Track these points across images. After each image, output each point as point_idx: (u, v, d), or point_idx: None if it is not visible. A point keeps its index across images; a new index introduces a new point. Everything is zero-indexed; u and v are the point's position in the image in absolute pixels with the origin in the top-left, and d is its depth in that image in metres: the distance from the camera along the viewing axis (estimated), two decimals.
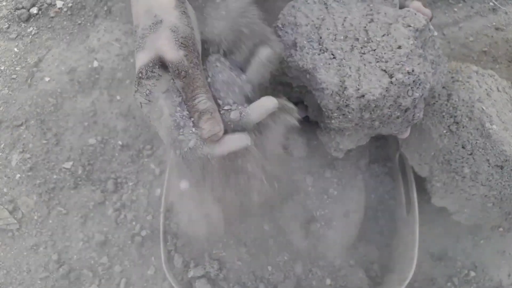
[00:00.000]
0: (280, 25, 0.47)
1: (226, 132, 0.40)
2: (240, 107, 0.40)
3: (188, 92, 0.39)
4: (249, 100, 0.42)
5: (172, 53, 0.39)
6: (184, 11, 0.41)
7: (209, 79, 0.42)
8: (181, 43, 0.39)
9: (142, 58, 0.40)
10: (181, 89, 0.39)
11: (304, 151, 0.58)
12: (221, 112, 0.40)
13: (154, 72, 0.40)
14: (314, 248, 0.54)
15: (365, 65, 0.42)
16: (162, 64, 0.40)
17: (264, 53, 0.42)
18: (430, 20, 0.45)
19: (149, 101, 0.40)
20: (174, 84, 0.40)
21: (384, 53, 0.42)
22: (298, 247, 0.54)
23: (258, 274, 0.53)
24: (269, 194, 0.46)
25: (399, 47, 0.42)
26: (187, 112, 0.40)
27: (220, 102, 0.41)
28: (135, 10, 0.43)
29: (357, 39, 0.43)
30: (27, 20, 0.77)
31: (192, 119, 0.39)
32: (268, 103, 0.40)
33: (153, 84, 0.40)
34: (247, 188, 0.44)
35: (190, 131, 0.39)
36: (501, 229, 0.62)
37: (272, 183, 0.45)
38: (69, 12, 0.77)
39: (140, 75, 0.40)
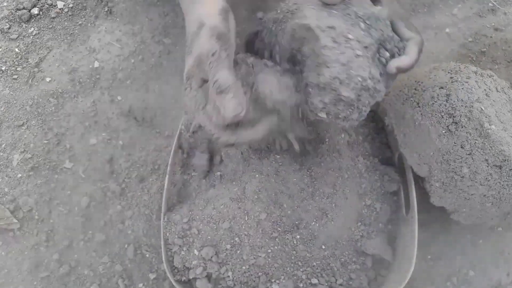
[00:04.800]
0: None
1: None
2: None
3: (213, 67, 0.40)
4: None
5: (206, 43, 0.41)
6: (225, 18, 0.44)
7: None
8: (216, 36, 0.42)
9: (188, 62, 0.43)
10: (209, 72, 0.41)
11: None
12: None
13: (199, 69, 0.42)
14: (314, 249, 0.54)
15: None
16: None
17: None
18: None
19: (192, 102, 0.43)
20: None
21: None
22: (298, 247, 0.54)
23: (259, 274, 0.53)
24: None
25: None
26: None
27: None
28: (188, 19, 0.47)
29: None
30: (28, 20, 0.77)
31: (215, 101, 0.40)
32: None
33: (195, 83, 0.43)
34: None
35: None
36: (500, 228, 0.63)
37: None
38: (70, 13, 0.77)
39: (187, 76, 0.43)
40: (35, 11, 0.77)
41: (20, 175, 0.67)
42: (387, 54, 0.43)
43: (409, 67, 0.43)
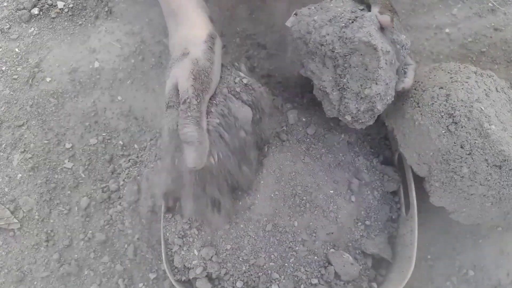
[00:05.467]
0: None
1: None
2: None
3: (182, 118, 0.43)
4: None
5: (183, 82, 0.43)
6: (211, 46, 0.45)
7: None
8: (194, 74, 0.43)
9: (167, 87, 0.45)
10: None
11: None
12: None
13: (173, 100, 0.45)
14: (314, 249, 0.54)
15: None
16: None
17: None
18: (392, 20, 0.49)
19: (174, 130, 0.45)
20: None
21: None
22: (298, 247, 0.54)
23: (259, 274, 0.53)
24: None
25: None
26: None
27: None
28: (172, 42, 0.48)
29: None
30: (28, 20, 0.77)
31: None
32: None
33: (173, 112, 0.45)
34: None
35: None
36: (499, 228, 0.63)
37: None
38: (70, 13, 0.77)
39: (166, 103, 0.45)
40: (35, 11, 0.77)
41: (20, 175, 0.67)
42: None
43: (409, 87, 0.53)
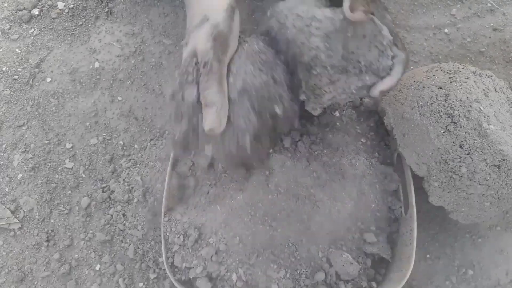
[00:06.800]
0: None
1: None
2: None
3: (203, 81, 0.41)
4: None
5: (202, 44, 0.42)
6: (230, 16, 0.44)
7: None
8: (213, 37, 0.42)
9: (184, 54, 0.44)
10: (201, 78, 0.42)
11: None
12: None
13: (189, 70, 0.43)
14: (314, 249, 0.54)
15: None
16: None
17: None
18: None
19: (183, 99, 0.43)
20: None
21: None
22: (298, 247, 0.54)
23: (259, 274, 0.53)
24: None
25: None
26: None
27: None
28: (191, 13, 0.47)
29: None
30: (28, 21, 0.77)
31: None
32: None
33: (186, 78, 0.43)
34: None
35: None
36: (498, 228, 0.63)
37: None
38: (70, 13, 0.77)
39: (183, 72, 0.43)
40: (35, 11, 0.77)
41: (21, 175, 0.67)
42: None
43: (392, 87, 0.46)
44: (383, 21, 0.45)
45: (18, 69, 0.74)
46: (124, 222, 0.64)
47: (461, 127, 0.49)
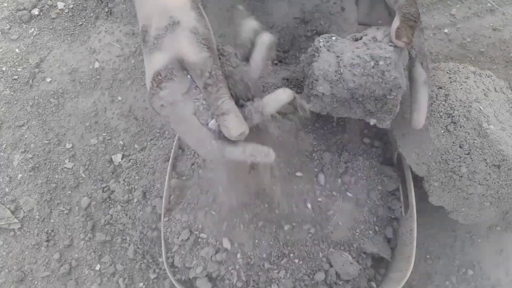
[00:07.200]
0: None
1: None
2: (255, 100, 0.40)
3: (213, 92, 0.38)
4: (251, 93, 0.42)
5: (195, 55, 0.39)
6: (200, 13, 0.41)
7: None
8: (204, 44, 0.39)
9: (159, 60, 0.39)
10: (203, 89, 0.39)
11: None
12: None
13: (174, 73, 0.39)
14: (314, 249, 0.54)
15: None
16: (180, 65, 0.39)
17: (266, 40, 0.41)
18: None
19: (170, 104, 0.39)
20: (195, 85, 0.39)
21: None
22: (298, 247, 0.54)
23: (259, 274, 0.53)
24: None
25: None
26: (210, 112, 0.39)
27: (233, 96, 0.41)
28: (143, 12, 0.42)
29: None
30: (28, 21, 0.77)
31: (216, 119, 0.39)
32: (284, 95, 0.40)
33: (173, 86, 0.39)
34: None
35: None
36: (498, 228, 0.63)
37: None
38: (70, 13, 0.77)
39: (159, 77, 0.39)
40: (35, 11, 0.77)
41: (20, 175, 0.67)
42: None
43: (422, 123, 0.48)
44: (417, 41, 0.47)
45: (18, 69, 0.74)
46: (124, 222, 0.64)
47: (461, 127, 0.49)
